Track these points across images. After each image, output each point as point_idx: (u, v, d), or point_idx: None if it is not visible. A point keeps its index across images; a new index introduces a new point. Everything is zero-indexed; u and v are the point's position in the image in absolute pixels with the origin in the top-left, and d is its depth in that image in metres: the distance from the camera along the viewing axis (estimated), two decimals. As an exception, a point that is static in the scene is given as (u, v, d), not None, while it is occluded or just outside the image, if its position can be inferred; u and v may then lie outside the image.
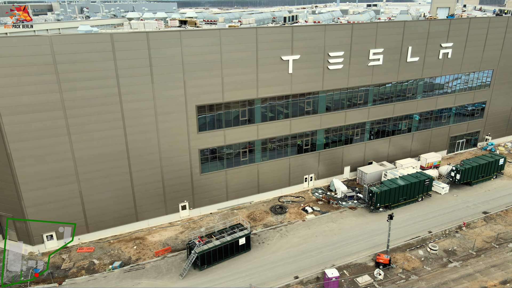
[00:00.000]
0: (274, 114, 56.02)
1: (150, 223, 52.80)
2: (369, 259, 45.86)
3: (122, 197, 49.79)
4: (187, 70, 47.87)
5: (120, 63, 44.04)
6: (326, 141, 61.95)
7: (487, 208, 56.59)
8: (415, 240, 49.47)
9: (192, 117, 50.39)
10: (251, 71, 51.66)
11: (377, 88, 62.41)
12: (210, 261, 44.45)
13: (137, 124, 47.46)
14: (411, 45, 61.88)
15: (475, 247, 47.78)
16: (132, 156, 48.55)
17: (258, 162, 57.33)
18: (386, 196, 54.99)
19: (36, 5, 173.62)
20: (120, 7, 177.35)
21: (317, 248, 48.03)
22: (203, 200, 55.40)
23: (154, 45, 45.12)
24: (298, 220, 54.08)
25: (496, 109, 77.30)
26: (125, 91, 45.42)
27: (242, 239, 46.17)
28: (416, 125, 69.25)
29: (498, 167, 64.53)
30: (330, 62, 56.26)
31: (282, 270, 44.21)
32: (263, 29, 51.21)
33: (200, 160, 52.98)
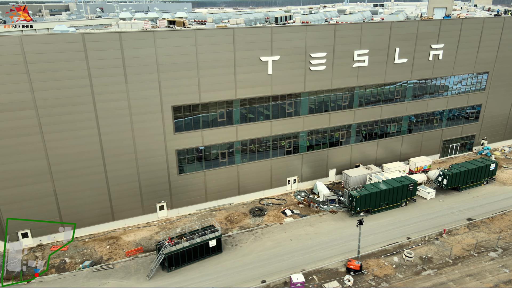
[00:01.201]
0: (254, 115, 55.47)
1: (127, 223, 52.93)
2: (341, 265, 44.94)
3: (98, 197, 50.01)
4: (162, 71, 47.77)
5: (92, 63, 44.21)
6: (309, 143, 61.09)
7: (473, 214, 54.88)
8: (391, 246, 48.27)
9: (168, 117, 50.28)
10: (229, 72, 51.25)
11: (363, 90, 61.23)
12: (179, 262, 44.22)
13: (111, 124, 47.58)
14: (399, 46, 60.50)
15: (453, 255, 46.33)
16: (107, 156, 48.71)
17: (238, 163, 56.89)
18: (367, 201, 53.85)
19: (53, 5, 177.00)
20: (135, 7, 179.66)
21: (290, 252, 47.31)
22: (181, 201, 55.26)
23: (127, 45, 45.15)
24: (275, 223, 53.44)
25: (492, 113, 75.03)
26: (98, 91, 45.58)
27: (212, 241, 45.81)
28: (405, 128, 67.70)
29: (489, 172, 62.53)
30: (312, 63, 55.43)
31: (250, 273, 43.68)
32: (240, 30, 50.77)
33: (178, 161, 52.85)
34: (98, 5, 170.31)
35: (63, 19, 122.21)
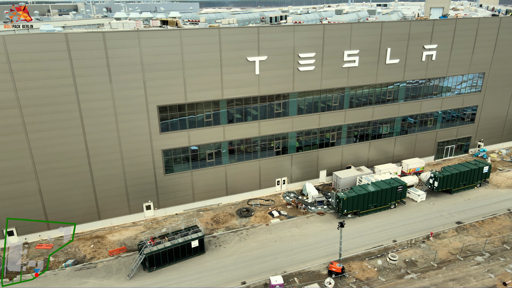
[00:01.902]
0: (242, 115, 55.23)
1: (113, 222, 53.05)
2: (324, 267, 44.50)
3: (83, 196, 50.17)
4: (147, 71, 47.75)
5: (76, 62, 44.33)
6: (299, 144, 60.66)
7: (462, 218, 54.02)
8: (376, 249, 47.69)
9: (154, 117, 50.26)
10: (215, 72, 51.07)
11: (354, 91, 60.64)
12: (160, 262, 44.15)
13: (96, 124, 47.68)
14: (390, 47, 59.78)
15: (438, 258, 45.62)
16: (92, 155, 48.83)
17: (226, 164, 56.69)
18: (354, 202, 53.29)
19: (61, 5, 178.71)
20: (142, 7, 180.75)
21: (273, 253, 46.99)
22: (168, 201, 55.24)
23: (111, 45, 45.20)
24: (261, 224, 53.15)
25: (489, 114, 73.83)
26: (82, 91, 45.70)
27: (195, 242, 45.69)
28: (398, 129, 66.92)
29: (482, 175, 61.50)
30: (300, 64, 55.02)
31: (231, 274, 43.47)
32: (226, 30, 50.57)
33: (164, 161, 52.83)
34: (106, 5, 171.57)
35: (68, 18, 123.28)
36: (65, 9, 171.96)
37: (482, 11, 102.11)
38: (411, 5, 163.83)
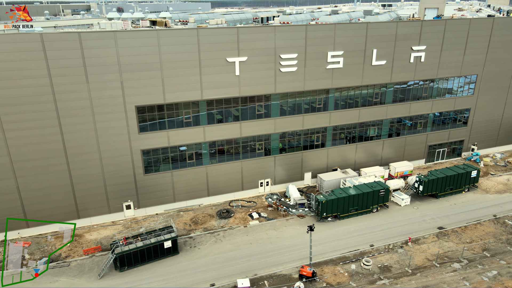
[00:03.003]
0: (223, 116, 55.02)
1: (93, 221, 53.38)
2: (296, 271, 43.97)
3: (62, 195, 50.56)
4: (124, 71, 47.89)
5: (51, 62, 44.70)
6: (282, 146, 60.18)
7: (445, 223, 52.87)
8: (352, 254, 46.97)
9: (132, 117, 50.40)
10: (194, 73, 50.97)
11: (339, 92, 59.88)
12: (132, 262, 44.24)
13: (73, 123, 48.00)
14: (376, 48, 58.85)
15: (414, 264, 44.70)
16: (70, 155, 49.19)
17: (207, 164, 56.55)
18: (334, 206, 52.61)
19: (75, 5, 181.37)
20: (154, 7, 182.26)
21: (247, 256, 46.66)
22: (148, 201, 55.35)
23: (87, 45, 45.44)
24: (240, 226, 52.87)
25: (483, 118, 72.16)
26: (59, 90, 46.06)
27: (167, 242, 45.65)
28: (386, 131, 65.86)
29: (471, 179, 60.12)
30: (282, 65, 54.55)
31: (202, 276, 43.31)
32: (205, 30, 50.40)
33: (143, 161, 52.94)
34: (119, 5, 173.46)
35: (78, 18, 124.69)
36: (78, 9, 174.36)
37: (486, 11, 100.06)
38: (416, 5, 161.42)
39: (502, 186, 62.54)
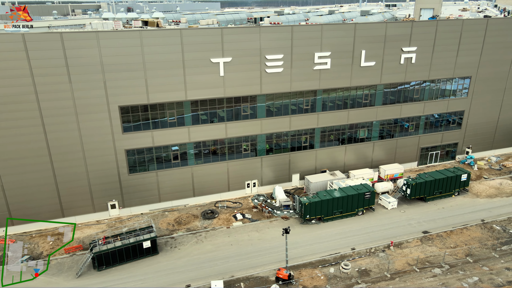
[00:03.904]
0: (208, 117, 54.93)
1: (78, 220, 53.69)
2: (273, 273, 43.65)
3: (46, 193, 50.99)
4: (107, 71, 48.10)
5: (34, 62, 45.11)
6: (269, 147, 59.87)
7: (431, 227, 52.05)
8: (332, 257, 46.49)
9: (116, 117, 50.61)
10: (178, 73, 51.00)
11: (327, 94, 59.37)
12: (110, 262, 44.42)
13: (56, 123, 48.37)
14: (365, 49, 58.20)
15: (394, 269, 44.06)
16: (54, 154, 49.59)
17: (192, 165, 56.55)
18: (317, 208, 52.18)
19: (85, 5, 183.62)
20: (164, 7, 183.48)
21: (226, 257, 46.52)
22: (133, 200, 55.56)
23: (69, 45, 45.74)
24: (223, 227, 52.75)
25: (477, 120, 70.89)
26: (42, 90, 46.45)
27: (146, 242, 45.74)
28: (376, 133, 65.11)
29: (460, 183, 59.09)
30: (267, 65, 54.28)
31: (178, 277, 43.29)
32: (188, 31, 50.40)
33: (127, 161, 53.14)
34: (129, 5, 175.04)
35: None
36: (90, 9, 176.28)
37: (491, 12, 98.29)
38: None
39: (494, 190, 61.36)
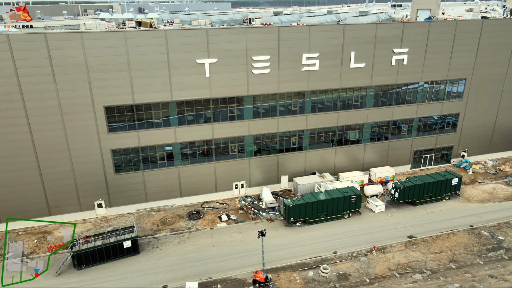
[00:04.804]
0: (194, 117, 54.95)
1: (64, 218, 54.20)
2: (251, 276, 43.37)
3: (33, 192, 51.59)
4: (92, 71, 48.46)
5: (18, 62, 45.67)
6: (257, 148, 59.64)
7: (417, 232, 51.20)
8: (313, 260, 46.06)
9: (101, 117, 50.96)
10: (163, 74, 51.12)
11: (316, 95, 58.88)
12: (90, 261, 44.74)
13: (42, 122, 48.91)
14: (354, 50, 57.57)
15: (374, 274, 43.44)
16: (40, 153, 50.15)
17: (178, 165, 56.65)
18: (301, 210, 51.77)
19: (98, 5, 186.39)
20: (175, 7, 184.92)
21: (206, 258, 46.47)
22: (120, 200, 55.89)
23: (53, 46, 46.20)
24: (207, 228, 52.73)
25: (473, 123, 69.55)
26: (27, 90, 47.01)
27: (127, 242, 45.95)
28: (368, 135, 64.34)
29: (451, 187, 58.02)
30: (254, 66, 54.06)
31: (156, 277, 43.38)
32: (173, 32, 50.52)
33: (113, 161, 53.47)
34: (140, 5, 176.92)
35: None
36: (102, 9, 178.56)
37: (495, 12, 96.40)
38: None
39: (487, 195, 60.09)
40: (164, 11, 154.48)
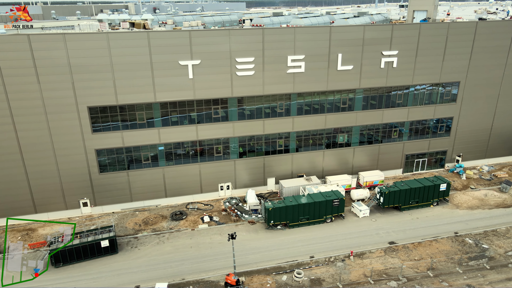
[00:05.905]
0: (178, 119, 55.18)
1: (50, 216, 55.18)
2: (224, 278, 43.38)
3: (18, 189, 52.59)
4: (75, 72, 49.12)
5: (2, 63, 46.65)
6: (243, 150, 59.53)
7: (399, 238, 50.31)
8: (288, 264, 45.73)
9: (85, 117, 51.63)
10: (146, 75, 51.48)
11: (302, 97, 58.42)
12: (67, 259, 45.39)
13: (26, 122, 49.83)
14: (341, 52, 56.90)
15: (348, 280, 42.86)
16: (25, 152, 51.11)
17: (163, 166, 56.98)
18: (282, 214, 51.43)
19: (113, 6, 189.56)
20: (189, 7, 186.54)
21: (182, 259, 46.62)
22: (105, 199, 56.55)
23: (36, 47, 47.01)
24: (188, 229, 52.92)
25: (468, 127, 67.93)
26: (11, 90, 47.97)
27: (104, 241, 46.45)
28: (357, 139, 63.52)
29: (439, 193, 56.81)
30: (238, 68, 53.96)
31: (131, 277, 43.73)
32: (155, 33, 50.78)
33: (98, 160, 54.13)
34: (155, 5, 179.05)
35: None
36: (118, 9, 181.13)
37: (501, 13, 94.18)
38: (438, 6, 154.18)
39: (477, 201, 58.62)
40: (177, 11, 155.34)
